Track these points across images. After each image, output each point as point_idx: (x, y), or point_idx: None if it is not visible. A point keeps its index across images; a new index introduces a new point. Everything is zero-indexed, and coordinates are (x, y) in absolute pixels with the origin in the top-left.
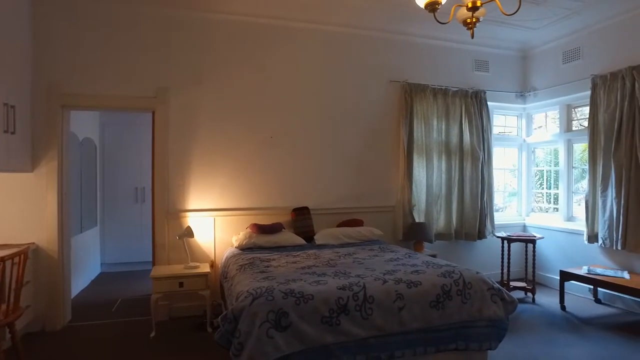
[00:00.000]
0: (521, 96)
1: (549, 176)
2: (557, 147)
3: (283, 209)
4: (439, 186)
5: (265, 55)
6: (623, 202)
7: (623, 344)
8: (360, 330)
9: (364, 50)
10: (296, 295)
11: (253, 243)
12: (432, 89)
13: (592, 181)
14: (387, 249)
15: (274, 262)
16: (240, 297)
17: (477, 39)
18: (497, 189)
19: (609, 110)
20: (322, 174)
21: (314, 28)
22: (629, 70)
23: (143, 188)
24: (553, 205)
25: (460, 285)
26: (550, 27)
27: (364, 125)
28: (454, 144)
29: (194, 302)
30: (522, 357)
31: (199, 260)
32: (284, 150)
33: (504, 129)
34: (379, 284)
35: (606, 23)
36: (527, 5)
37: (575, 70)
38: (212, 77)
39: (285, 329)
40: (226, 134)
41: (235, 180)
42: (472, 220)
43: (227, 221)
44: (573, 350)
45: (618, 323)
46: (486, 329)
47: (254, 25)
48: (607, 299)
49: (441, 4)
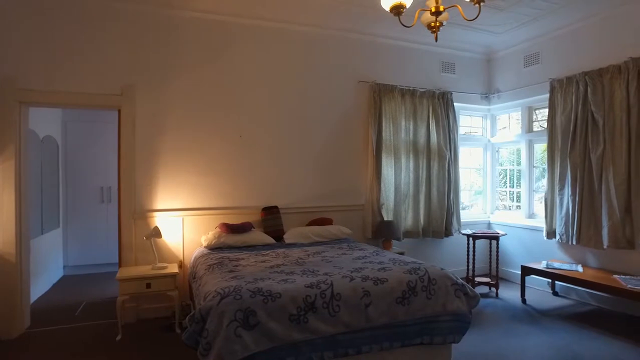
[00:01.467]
0: (486, 98)
1: (512, 175)
2: (519, 147)
3: (252, 208)
4: (407, 185)
5: (234, 54)
6: (577, 199)
7: (575, 333)
8: (328, 327)
9: (333, 51)
10: (264, 294)
11: (222, 243)
12: (400, 89)
13: (551, 180)
14: (355, 247)
15: (243, 262)
16: (208, 296)
17: (444, 42)
18: (464, 188)
19: (566, 112)
20: (292, 173)
21: (283, 27)
22: (582, 75)
23: (109, 187)
24: (516, 203)
25: (425, 282)
26: (512, 32)
27: (333, 124)
28: (421, 144)
29: (162, 303)
30: (485, 349)
31: (168, 260)
32: (254, 150)
33: (470, 129)
34: (346, 281)
35: (562, 30)
36: (491, 10)
37: (535, 73)
38: (180, 75)
39: (253, 328)
40: (195, 133)
41: (204, 179)
42: (439, 218)
43: (196, 221)
44: (531, 340)
45: (572, 313)
46: (450, 324)
47: (223, 24)
48: (563, 291)
49: (406, 8)
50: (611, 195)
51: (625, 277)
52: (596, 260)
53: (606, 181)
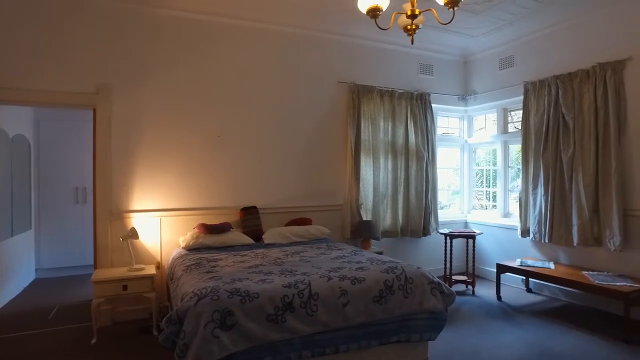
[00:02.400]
0: (463, 99)
1: (489, 175)
2: (495, 148)
3: (231, 208)
4: (386, 185)
5: (213, 53)
6: (550, 199)
7: (547, 328)
8: (305, 327)
9: (312, 51)
10: (241, 294)
11: (200, 243)
12: (379, 90)
13: (525, 180)
14: (334, 247)
15: (221, 262)
16: (185, 297)
17: (421, 44)
18: (441, 188)
19: (539, 114)
20: (271, 173)
21: (262, 27)
22: (554, 79)
23: (84, 188)
24: (492, 203)
25: (402, 281)
26: (487, 36)
27: (312, 125)
28: (399, 144)
29: (139, 305)
30: (460, 346)
31: (145, 262)
32: (232, 150)
33: (447, 130)
34: (323, 281)
35: (535, 35)
36: (467, 14)
37: (509, 76)
38: (158, 75)
39: (230, 328)
40: (173, 133)
41: (183, 179)
42: (417, 218)
43: (174, 221)
44: (505, 336)
45: (544, 309)
46: (426, 321)
47: (202, 23)
48: (536, 288)
49: (382, 11)
50: (580, 195)
51: (593, 273)
52: (567, 257)
53: (576, 181)
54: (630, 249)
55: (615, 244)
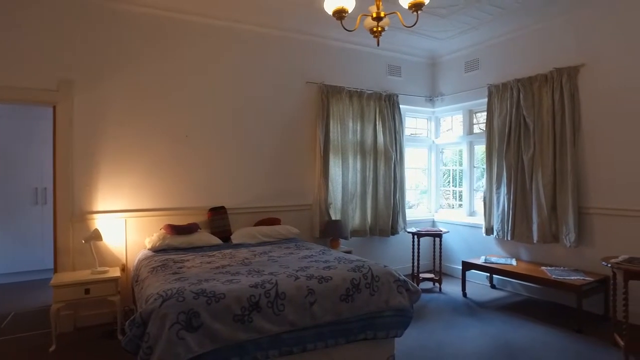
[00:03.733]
0: (430, 100)
1: (456, 175)
2: (461, 148)
3: (199, 208)
4: (354, 185)
5: (180, 51)
6: (512, 198)
7: (509, 322)
8: (272, 326)
9: (281, 51)
10: (208, 295)
11: (167, 244)
12: (347, 91)
13: (489, 179)
14: (302, 246)
15: (188, 263)
16: (149, 299)
17: (390, 46)
18: (410, 187)
19: (501, 116)
20: (240, 173)
21: (231, 26)
22: (515, 82)
23: (44, 189)
24: (458, 202)
25: (368, 279)
26: (454, 39)
27: (281, 125)
28: (368, 145)
29: (103, 309)
30: (426, 342)
31: (109, 264)
32: (200, 149)
33: (415, 131)
34: (291, 280)
35: (498, 39)
36: (434, 17)
37: (475, 79)
38: (123, 72)
39: (196, 330)
40: (138, 132)
41: (149, 179)
42: (386, 217)
43: (140, 222)
44: (470, 331)
45: (507, 304)
46: (393, 318)
47: (169, 20)
48: (500, 284)
49: (348, 13)
50: (540, 194)
51: (551, 268)
52: (528, 254)
53: (536, 181)
54: (584, 245)
55: (571, 241)
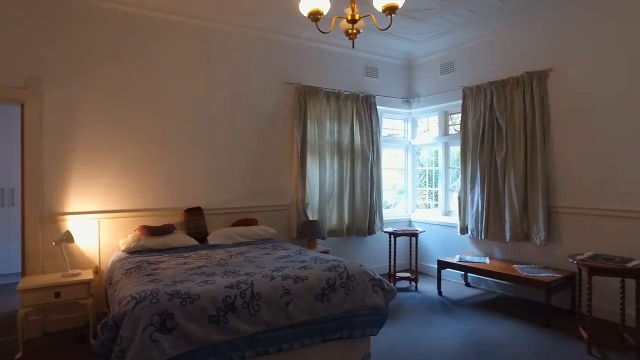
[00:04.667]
0: (407, 102)
1: (432, 175)
2: (437, 149)
3: (175, 209)
4: (332, 185)
5: (156, 50)
6: (485, 198)
7: (482, 318)
8: (248, 327)
9: (258, 51)
10: (182, 296)
11: (142, 246)
12: (325, 92)
13: (464, 180)
14: (279, 246)
15: (163, 265)
16: (122, 302)
17: (367, 47)
18: (387, 188)
19: (476, 118)
20: (216, 173)
21: (208, 26)
22: (489, 85)
23: (12, 189)
24: (434, 202)
25: (344, 278)
26: (429, 42)
27: (258, 125)
28: (345, 145)
29: (74, 313)
30: (402, 340)
31: (82, 267)
32: (176, 150)
33: (392, 132)
34: (266, 280)
35: (472, 43)
36: (410, 20)
37: (450, 81)
38: (96, 70)
39: (170, 331)
40: (112, 131)
41: (123, 180)
42: (363, 217)
43: (114, 224)
44: (444, 328)
45: (481, 301)
46: (368, 317)
47: (145, 18)
48: (474, 282)
49: (323, 15)
50: (512, 194)
51: (522, 266)
52: (501, 252)
53: (508, 181)
54: (553, 243)
55: (541, 239)
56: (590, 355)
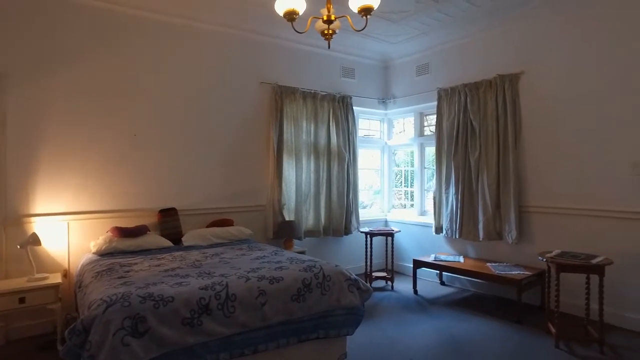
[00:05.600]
0: (383, 103)
1: (407, 175)
2: (413, 150)
3: (148, 210)
4: (308, 185)
5: (130, 47)
6: (460, 198)
7: (456, 316)
8: (223, 329)
9: (234, 51)
10: (155, 298)
11: (114, 247)
12: (302, 92)
13: (439, 180)
14: (255, 247)
15: (136, 267)
16: (92, 305)
17: (344, 48)
18: (363, 188)
19: (450, 119)
20: (191, 173)
21: (184, 23)
22: (463, 87)
23: None
24: (410, 202)
25: (320, 279)
26: (405, 43)
27: (234, 125)
28: (322, 145)
29: (41, 319)
30: (378, 339)
31: (49, 270)
32: (150, 149)
33: (368, 132)
34: (242, 282)
35: (447, 45)
36: (385, 22)
37: (425, 82)
38: (66, 66)
39: (143, 335)
40: (83, 130)
41: (94, 180)
42: (339, 217)
43: (84, 225)
44: (419, 327)
45: (455, 300)
46: (344, 317)
47: (119, 15)
48: (449, 280)
49: (299, 15)
50: (485, 194)
51: (494, 264)
52: (474, 251)
53: (481, 181)
54: (524, 241)
55: (512, 238)
56: (558, 349)
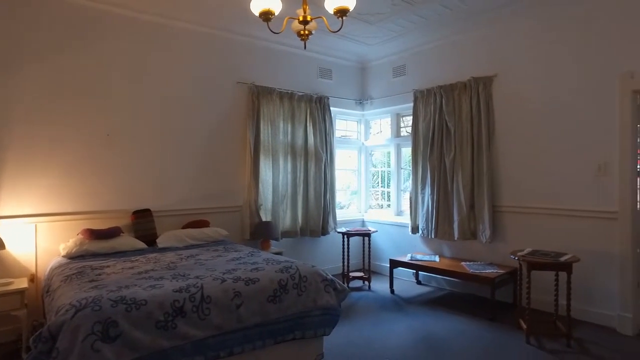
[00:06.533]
0: (360, 104)
1: (384, 176)
2: (389, 150)
3: (122, 211)
4: (285, 186)
5: (102, 44)
6: (435, 198)
7: (432, 315)
8: (197, 331)
9: (211, 50)
10: (127, 302)
11: (85, 250)
12: (279, 92)
13: (415, 180)
14: (231, 248)
15: (108, 270)
16: (60, 310)
17: (321, 49)
18: (341, 188)
19: (426, 120)
20: (167, 174)
21: (160, 22)
22: (438, 88)
23: None
24: (387, 202)
25: (296, 279)
26: (382, 45)
27: (210, 125)
28: (299, 146)
29: (5, 327)
30: (354, 338)
31: (15, 275)
32: (124, 149)
33: (346, 133)
34: (217, 283)
35: (423, 47)
36: (362, 24)
37: (402, 84)
38: (33, 64)
39: (114, 340)
40: (52, 129)
41: (65, 181)
42: (316, 218)
43: (54, 227)
44: (396, 326)
45: (431, 298)
46: (320, 317)
47: (91, 11)
48: (425, 280)
49: (274, 15)
50: (460, 194)
51: (469, 263)
52: (450, 250)
53: (456, 182)
54: (497, 240)
55: (486, 237)
56: (528, 345)
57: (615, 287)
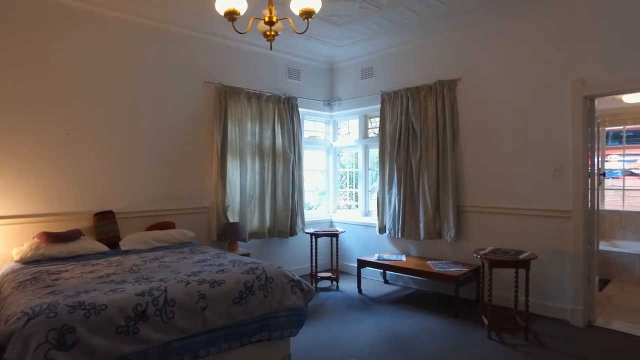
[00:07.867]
0: (328, 105)
1: (352, 177)
2: (357, 151)
3: (83, 213)
4: (253, 187)
5: (61, 40)
6: (402, 198)
7: (398, 313)
8: (161, 335)
9: (177, 48)
10: (86, 307)
11: (41, 254)
12: (246, 92)
13: (382, 181)
14: (197, 250)
15: (66, 274)
16: (10, 319)
17: (289, 49)
18: (309, 189)
19: (393, 122)
20: (130, 174)
21: (123, 17)
22: (405, 91)
23: None
24: (355, 202)
25: (262, 281)
26: (350, 47)
27: (176, 124)
28: (267, 147)
29: None
30: (322, 338)
31: None
32: (84, 149)
33: (314, 134)
34: (181, 286)
35: (390, 50)
36: (330, 25)
37: (369, 86)
38: None
39: (71, 347)
40: (5, 129)
41: (19, 182)
42: (284, 219)
43: (7, 231)
44: (363, 325)
45: (398, 297)
46: (287, 318)
47: (51, 4)
48: (392, 279)
49: (240, 15)
50: (426, 194)
51: (435, 262)
52: (416, 250)
53: (422, 182)
54: (461, 239)
55: (451, 236)
56: (490, 339)
57: (568, 282)
